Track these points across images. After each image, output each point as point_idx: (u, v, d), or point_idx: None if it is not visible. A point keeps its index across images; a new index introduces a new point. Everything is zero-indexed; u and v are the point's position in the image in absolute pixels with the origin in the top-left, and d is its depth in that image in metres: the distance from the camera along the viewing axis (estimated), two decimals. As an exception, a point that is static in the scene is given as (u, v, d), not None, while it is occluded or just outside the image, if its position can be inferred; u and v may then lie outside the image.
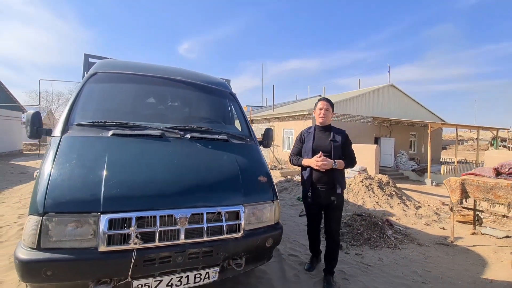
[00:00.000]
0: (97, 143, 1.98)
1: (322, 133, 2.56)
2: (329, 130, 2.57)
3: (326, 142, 2.50)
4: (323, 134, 2.55)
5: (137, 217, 1.63)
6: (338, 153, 2.46)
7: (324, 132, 2.56)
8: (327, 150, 2.46)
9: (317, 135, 2.57)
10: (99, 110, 2.42)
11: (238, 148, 2.45)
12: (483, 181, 3.31)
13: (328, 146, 2.47)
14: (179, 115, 2.85)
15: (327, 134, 2.53)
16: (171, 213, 1.71)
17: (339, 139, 2.50)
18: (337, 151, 2.46)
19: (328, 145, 2.47)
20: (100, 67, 2.77)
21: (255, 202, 2.08)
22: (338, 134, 2.53)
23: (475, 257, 3.37)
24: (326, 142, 2.50)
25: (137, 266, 1.59)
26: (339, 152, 2.47)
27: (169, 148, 2.11)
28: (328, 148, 2.46)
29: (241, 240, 1.91)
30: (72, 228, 1.57)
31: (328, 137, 2.51)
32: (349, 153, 2.53)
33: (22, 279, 1.51)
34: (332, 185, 2.44)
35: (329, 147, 2.46)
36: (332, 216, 2.55)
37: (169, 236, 1.69)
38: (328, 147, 2.46)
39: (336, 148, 2.46)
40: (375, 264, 3.10)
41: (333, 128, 2.59)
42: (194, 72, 3.34)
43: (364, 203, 5.72)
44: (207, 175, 2.01)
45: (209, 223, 1.81)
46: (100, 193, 1.64)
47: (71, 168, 1.74)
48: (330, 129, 2.57)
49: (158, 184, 1.80)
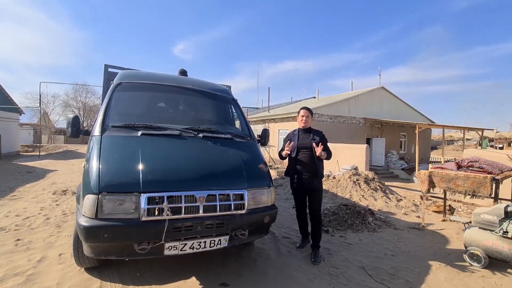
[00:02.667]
0: (131, 140, 2.52)
1: (304, 134, 3.29)
2: (309, 131, 3.30)
3: (307, 140, 3.21)
4: (305, 135, 3.28)
5: (167, 196, 2.17)
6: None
7: (305, 133, 3.29)
8: (309, 146, 3.18)
9: (301, 136, 3.29)
10: (127, 114, 2.94)
11: (241, 145, 3.00)
12: (445, 173, 3.92)
13: (309, 143, 3.19)
14: (192, 118, 3.40)
15: (308, 135, 3.26)
16: (192, 194, 2.26)
17: (317, 138, 3.21)
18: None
19: (309, 143, 3.18)
20: (123, 78, 3.29)
21: (256, 187, 2.63)
22: (317, 135, 3.26)
23: (440, 237, 3.97)
24: (308, 140, 3.21)
25: (168, 232, 2.12)
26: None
27: (186, 145, 2.66)
28: (309, 145, 3.18)
29: (245, 215, 2.46)
30: (119, 204, 2.10)
31: (309, 137, 3.24)
32: (326, 148, 3.23)
33: (85, 240, 2.04)
34: (313, 173, 3.15)
35: (310, 144, 3.17)
36: (313, 197, 3.20)
37: (191, 211, 2.23)
38: (309, 144, 3.18)
39: (315, 144, 3.16)
40: (356, 243, 3.68)
41: (312, 130, 3.32)
42: (201, 80, 3.89)
43: (351, 196, 6.32)
44: (218, 166, 2.57)
45: (220, 202, 2.35)
46: (139, 178, 2.17)
47: (115, 160, 2.27)
48: (310, 131, 3.30)
49: (182, 171, 2.35)
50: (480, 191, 3.57)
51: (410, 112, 19.64)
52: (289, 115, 16.04)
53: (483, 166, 3.74)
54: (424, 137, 18.64)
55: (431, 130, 21.11)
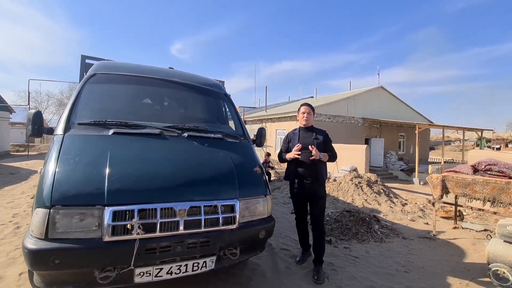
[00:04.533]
0: (99, 141, 2.09)
1: (306, 133, 2.88)
2: (311, 130, 2.89)
3: (309, 140, 2.79)
4: (307, 134, 2.86)
5: (139, 209, 1.75)
6: (320, 149, 2.72)
7: (307, 132, 2.88)
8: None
9: (302, 135, 2.88)
10: (99, 110, 2.51)
11: (233, 146, 2.59)
12: (461, 177, 3.55)
13: (311, 143, 2.73)
14: (176, 115, 2.97)
15: (310, 134, 2.85)
16: (171, 206, 1.84)
17: (320, 137, 2.81)
18: (319, 147, 2.72)
19: (311, 143, 2.73)
20: (99, 68, 2.86)
21: (249, 196, 2.22)
22: (319, 133, 2.85)
23: (455, 248, 3.59)
24: (310, 140, 2.78)
25: (139, 255, 1.71)
26: (321, 148, 2.75)
27: (167, 146, 2.23)
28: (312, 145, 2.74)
29: (236, 231, 2.05)
30: (77, 220, 1.67)
31: (311, 136, 2.82)
32: (330, 148, 2.84)
33: (32, 268, 1.61)
34: (316, 177, 2.73)
35: (312, 144, 2.71)
36: (316, 205, 2.78)
37: (169, 227, 1.81)
38: (312, 144, 2.72)
39: (318, 145, 2.73)
40: (362, 256, 3.28)
41: (314, 129, 2.90)
42: (190, 73, 3.47)
43: (354, 200, 5.94)
44: (204, 171, 2.15)
45: (206, 215, 1.94)
46: (104, 187, 1.75)
47: (75, 164, 1.84)
48: (313, 130, 2.89)
49: (159, 178, 1.92)
50: (501, 198, 3.19)
51: (409, 112, 19.39)
52: (286, 115, 15.67)
53: (503, 170, 3.37)
54: (423, 138, 18.38)
55: (429, 130, 20.87)
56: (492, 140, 30.64)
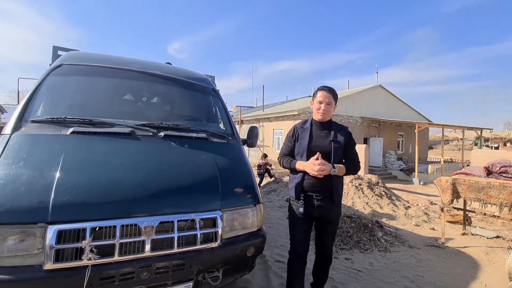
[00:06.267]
0: (52, 142, 1.73)
1: (321, 130, 2.00)
2: (329, 127, 2.01)
3: (325, 142, 1.95)
4: (322, 132, 2.00)
5: (93, 228, 1.40)
6: (339, 156, 1.95)
7: (323, 129, 2.01)
8: (327, 151, 1.91)
9: (315, 132, 2.00)
10: (60, 105, 2.15)
11: (219, 148, 2.24)
12: (474, 180, 3.22)
13: (327, 146, 1.93)
14: (154, 112, 2.62)
15: (327, 132, 1.99)
16: (134, 222, 1.48)
17: (341, 138, 1.96)
18: (338, 153, 1.94)
19: (328, 146, 1.93)
20: (66, 59, 2.50)
21: (235, 206, 1.87)
22: (340, 133, 1.99)
23: (467, 259, 3.26)
24: (326, 141, 1.95)
25: (92, 285, 1.36)
26: (340, 154, 1.96)
27: (137, 148, 1.88)
28: (328, 149, 1.92)
29: (218, 250, 1.70)
30: (13, 242, 1.32)
31: (328, 135, 1.97)
32: (352, 156, 2.01)
33: None
34: (328, 194, 1.91)
35: (329, 148, 1.92)
36: (326, 231, 2.03)
37: (132, 249, 1.46)
38: (328, 148, 1.92)
39: (337, 149, 1.93)
40: (366, 269, 2.94)
41: (334, 125, 2.03)
42: (174, 66, 3.12)
43: (354, 204, 5.60)
44: (180, 177, 1.79)
45: (180, 232, 1.59)
46: (49, 199, 1.39)
47: (17, 171, 1.48)
48: (331, 126, 2.01)
49: (121, 188, 1.56)
50: (521, 204, 2.87)
51: (408, 111, 19.14)
52: (284, 114, 15.34)
53: (521, 172, 3.05)
54: (422, 137, 18.13)
55: (428, 130, 20.64)
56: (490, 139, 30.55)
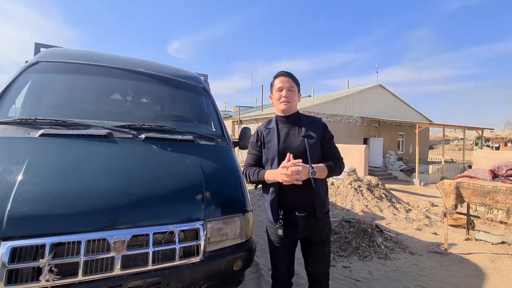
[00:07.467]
0: (18, 145, 1.57)
1: (289, 126, 1.65)
2: (297, 121, 1.66)
3: (297, 140, 1.59)
4: (291, 128, 1.64)
5: (53, 244, 1.23)
6: (316, 154, 1.56)
7: (291, 125, 1.65)
8: (300, 151, 1.54)
9: (282, 131, 1.64)
10: (33, 105, 2.00)
11: (206, 151, 2.07)
12: (479, 184, 3.05)
13: (301, 145, 1.56)
14: (138, 112, 2.45)
15: (296, 128, 1.64)
16: (103, 236, 1.32)
17: (315, 132, 1.60)
18: (314, 150, 1.56)
19: (301, 144, 1.56)
20: (44, 56, 2.34)
21: (221, 215, 1.70)
22: (313, 126, 1.63)
23: (472, 267, 3.10)
24: (298, 140, 1.59)
25: (51, 310, 1.19)
26: (317, 151, 1.57)
27: (113, 152, 1.71)
28: (302, 149, 1.55)
29: (200, 265, 1.53)
30: (-40, 261, 1.16)
31: (299, 131, 1.61)
32: (332, 152, 1.63)
33: None
34: (313, 207, 1.55)
35: (303, 147, 1.55)
36: (318, 254, 1.63)
37: (99, 267, 1.29)
38: (302, 147, 1.55)
39: (312, 146, 1.55)
40: (365, 278, 2.77)
41: (303, 118, 1.68)
42: (162, 64, 2.94)
43: (353, 207, 5.44)
44: (159, 184, 1.63)
45: (156, 246, 1.42)
46: (4, 211, 1.23)
47: None
48: (299, 119, 1.66)
49: (89, 198, 1.40)
50: (529, 209, 2.71)
51: (408, 110, 18.99)
52: (282, 114, 15.15)
53: (529, 176, 2.88)
54: (423, 137, 17.96)
55: (429, 130, 20.48)
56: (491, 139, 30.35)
